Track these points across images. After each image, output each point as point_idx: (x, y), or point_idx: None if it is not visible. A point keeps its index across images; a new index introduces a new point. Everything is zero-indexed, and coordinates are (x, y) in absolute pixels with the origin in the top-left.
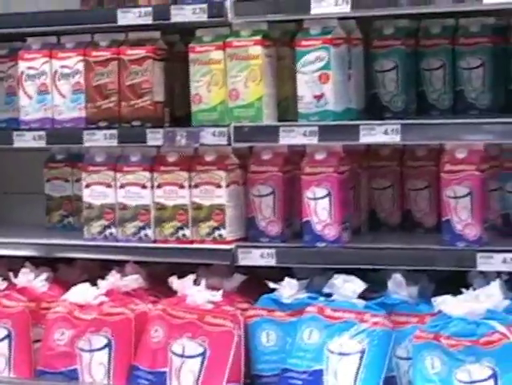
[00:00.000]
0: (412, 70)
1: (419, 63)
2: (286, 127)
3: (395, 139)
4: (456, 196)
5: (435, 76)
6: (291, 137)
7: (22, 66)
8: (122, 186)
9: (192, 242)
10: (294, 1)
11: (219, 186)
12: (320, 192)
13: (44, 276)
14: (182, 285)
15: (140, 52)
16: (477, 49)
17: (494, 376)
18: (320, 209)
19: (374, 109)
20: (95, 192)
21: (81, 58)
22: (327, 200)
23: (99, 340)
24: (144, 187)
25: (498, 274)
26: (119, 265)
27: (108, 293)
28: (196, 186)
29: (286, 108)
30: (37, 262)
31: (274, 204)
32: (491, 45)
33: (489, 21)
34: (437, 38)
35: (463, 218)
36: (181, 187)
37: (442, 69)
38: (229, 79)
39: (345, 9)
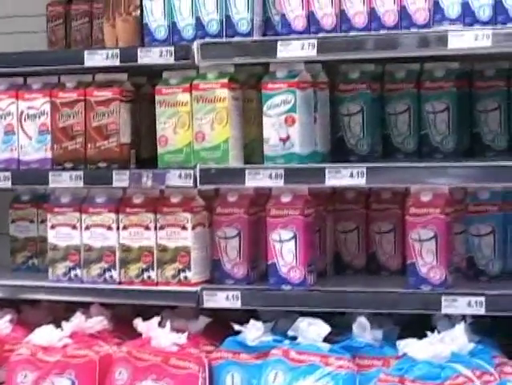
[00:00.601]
0: (378, 113)
1: (384, 107)
2: (252, 170)
3: (360, 182)
4: (421, 239)
5: (400, 120)
6: (257, 179)
7: None
8: (87, 227)
9: (157, 284)
10: (261, 44)
11: (185, 228)
12: (286, 234)
13: (8, 317)
14: (147, 327)
15: (106, 94)
16: (441, 93)
17: None
18: (286, 252)
19: (340, 152)
20: (61, 234)
21: (47, 99)
22: (292, 242)
23: (63, 382)
24: (109, 228)
25: (463, 317)
26: (84, 307)
27: (73, 335)
28: (161, 228)
29: (253, 150)
30: (1, 303)
31: (240, 247)
32: (455, 89)
33: (453, 65)
34: (402, 82)
35: (428, 261)
36: (147, 228)
37: (407, 113)
38: (196, 121)
39: (311, 52)
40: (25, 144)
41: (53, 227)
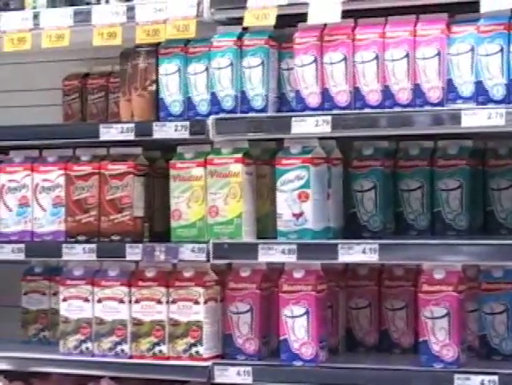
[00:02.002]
0: (391, 190)
1: (397, 184)
2: (265, 245)
3: (373, 258)
4: (433, 316)
5: (413, 197)
6: (270, 255)
7: (4, 178)
8: (99, 300)
9: (168, 358)
10: (276, 120)
11: (197, 302)
12: (298, 310)
13: None
14: None
15: (121, 167)
16: (455, 171)
17: None
18: (298, 328)
19: (352, 228)
20: (72, 306)
21: (62, 172)
22: (304, 318)
23: None
24: (121, 302)
25: None
26: (95, 381)
27: None
28: (173, 302)
29: (266, 225)
30: (11, 376)
31: (252, 322)
32: (469, 167)
33: (466, 143)
34: (416, 159)
35: (440, 339)
36: (159, 302)
37: (420, 190)
38: (209, 196)
39: (325, 129)
40: (39, 217)
41: (65, 300)
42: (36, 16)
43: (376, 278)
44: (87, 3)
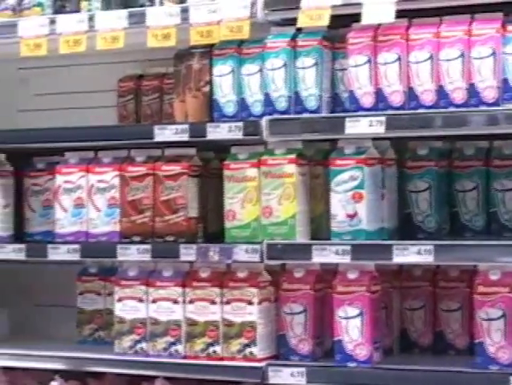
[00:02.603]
0: (446, 190)
1: (452, 184)
2: (318, 246)
3: (428, 259)
4: (489, 318)
5: (468, 197)
6: (324, 255)
7: (59, 179)
8: (154, 301)
9: (222, 359)
10: (329, 121)
11: (251, 303)
12: (352, 311)
13: None
14: None
15: (175, 168)
16: (510, 171)
17: None
18: (352, 329)
19: (407, 229)
20: (127, 307)
21: (117, 173)
22: (358, 319)
23: None
24: (175, 302)
25: None
26: (149, 381)
27: None
28: (227, 302)
29: (319, 226)
30: (67, 375)
31: (306, 323)
32: None
33: None
34: (471, 159)
35: (496, 341)
36: (213, 303)
37: (475, 190)
38: (263, 197)
39: (379, 129)
40: (94, 217)
41: (120, 300)
42: (91, 18)
43: (431, 279)
44: (142, 5)
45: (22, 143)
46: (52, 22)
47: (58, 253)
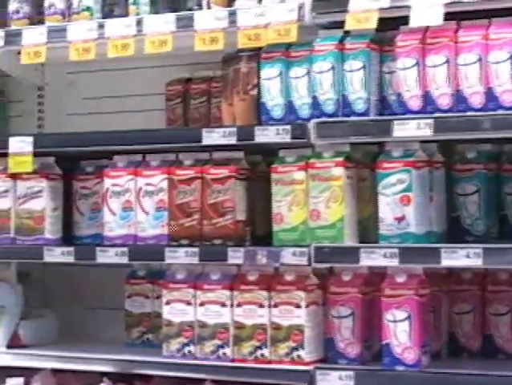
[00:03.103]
0: (495, 194)
1: (501, 187)
2: (366, 249)
3: (477, 263)
4: None
5: None
6: (372, 259)
7: (108, 183)
8: (202, 304)
9: (270, 362)
10: (377, 123)
11: (298, 306)
12: (400, 314)
13: None
14: None
15: (223, 172)
16: None
17: None
18: (400, 332)
19: (455, 232)
20: (175, 310)
21: (165, 176)
22: (406, 323)
23: None
24: (223, 305)
25: None
26: (196, 384)
27: None
28: (275, 306)
29: (367, 229)
30: (115, 378)
31: (354, 326)
32: None
33: None
34: None
35: None
36: (261, 306)
37: None
38: (311, 200)
39: (427, 132)
40: (142, 220)
41: (168, 303)
42: (139, 22)
43: (480, 283)
44: (189, 9)
45: (70, 147)
46: (101, 26)
47: (107, 256)
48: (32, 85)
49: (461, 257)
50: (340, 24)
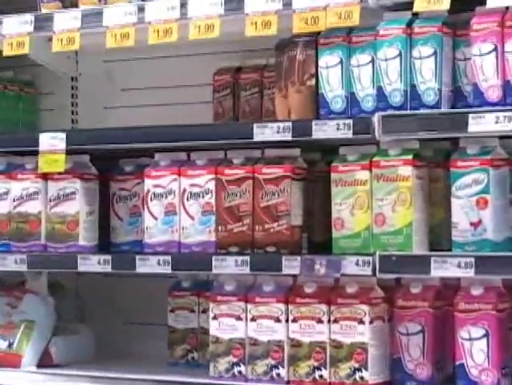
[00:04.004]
0: None
1: None
2: (438, 258)
3: None
4: None
5: None
6: (444, 268)
7: (149, 184)
8: (253, 319)
9: (330, 384)
10: (450, 117)
11: (361, 322)
12: (476, 331)
13: None
14: None
15: (277, 171)
16: None
17: None
18: (476, 352)
19: None
20: (224, 325)
21: (213, 176)
22: (483, 341)
23: None
24: (277, 320)
25: None
26: None
27: None
28: (335, 321)
29: (439, 236)
30: None
31: (424, 344)
32: None
33: None
34: None
35: None
36: (319, 321)
37: None
38: (376, 202)
39: (507, 127)
40: (187, 226)
41: (215, 317)
42: (183, 5)
43: None
44: None
45: (107, 144)
46: (140, 9)
47: (148, 266)
48: (65, 75)
49: None
50: (408, 5)
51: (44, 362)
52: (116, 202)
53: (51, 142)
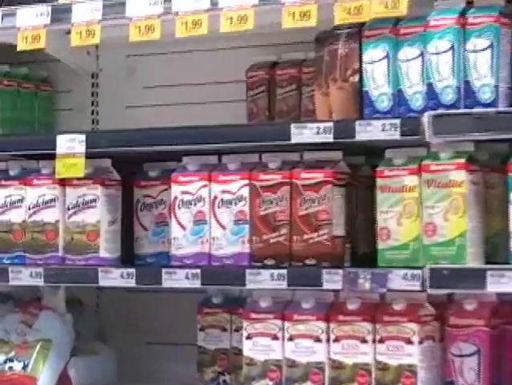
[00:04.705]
0: None
1: None
2: (495, 271)
3: None
4: None
5: None
6: (502, 283)
7: (176, 190)
8: (291, 338)
9: None
10: (508, 116)
11: (410, 342)
12: None
13: None
14: None
15: (317, 176)
16: None
17: None
18: None
19: None
20: (259, 345)
21: (246, 181)
22: None
23: None
24: (317, 340)
25: None
26: None
27: None
28: (381, 341)
29: (495, 247)
30: None
31: (479, 367)
32: None
33: None
34: None
35: None
36: (364, 341)
37: None
38: (425, 210)
39: None
40: (218, 236)
41: (249, 337)
42: None
43: None
44: None
45: (130, 146)
46: None
47: (175, 280)
48: (84, 72)
49: None
50: None
51: (62, 384)
52: (141, 210)
53: (69, 144)
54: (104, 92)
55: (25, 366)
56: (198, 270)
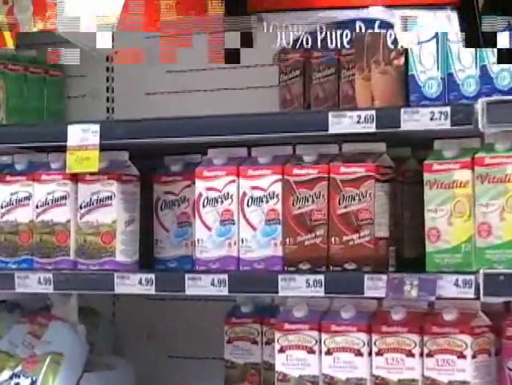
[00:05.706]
0: None
1: None
2: None
3: None
4: None
5: None
6: None
7: (200, 186)
8: (329, 352)
9: None
10: None
11: (462, 356)
12: None
13: None
14: None
15: (357, 170)
16: None
17: None
18: None
19: None
20: (293, 360)
21: (279, 177)
22: None
23: None
24: (358, 354)
25: None
26: None
27: None
28: (430, 355)
29: None
30: None
31: None
32: None
33: None
34: None
35: None
36: (410, 355)
37: None
38: (479, 209)
39: None
40: (247, 238)
41: (282, 350)
42: None
43: None
44: None
45: (150, 138)
46: None
47: (199, 286)
48: (98, 54)
49: None
50: None
51: None
52: (161, 209)
53: (82, 136)
54: (121, 77)
55: (33, 383)
56: (225, 276)
